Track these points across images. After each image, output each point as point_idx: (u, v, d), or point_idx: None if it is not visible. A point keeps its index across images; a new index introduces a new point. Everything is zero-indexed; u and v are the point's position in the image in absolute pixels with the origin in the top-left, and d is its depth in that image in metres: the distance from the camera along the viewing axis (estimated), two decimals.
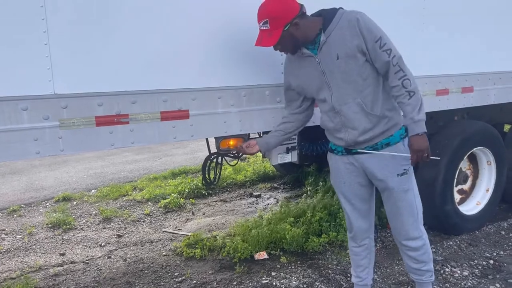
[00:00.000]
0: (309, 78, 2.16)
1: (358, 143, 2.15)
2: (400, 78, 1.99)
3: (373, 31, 1.97)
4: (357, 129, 2.11)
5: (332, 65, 2.04)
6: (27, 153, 1.88)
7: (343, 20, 1.99)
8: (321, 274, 3.02)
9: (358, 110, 2.07)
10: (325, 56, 2.05)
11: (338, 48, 2.00)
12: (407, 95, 1.99)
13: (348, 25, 1.97)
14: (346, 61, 2.01)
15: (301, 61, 2.16)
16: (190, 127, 2.27)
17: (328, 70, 2.07)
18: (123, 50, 2.03)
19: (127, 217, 4.36)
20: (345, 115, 2.10)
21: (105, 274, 3.19)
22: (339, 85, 2.07)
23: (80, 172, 6.35)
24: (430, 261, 2.37)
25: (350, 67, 2.01)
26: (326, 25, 2.01)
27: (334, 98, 2.10)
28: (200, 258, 3.33)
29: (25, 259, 3.51)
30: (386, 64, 1.99)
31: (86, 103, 1.97)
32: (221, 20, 2.28)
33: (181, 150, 7.72)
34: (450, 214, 3.46)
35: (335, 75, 2.06)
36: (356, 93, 2.05)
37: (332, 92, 2.10)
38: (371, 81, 2.06)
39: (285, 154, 2.80)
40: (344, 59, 2.01)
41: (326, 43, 2.03)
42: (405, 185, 2.18)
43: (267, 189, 5.25)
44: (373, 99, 2.07)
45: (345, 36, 1.98)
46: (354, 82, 2.04)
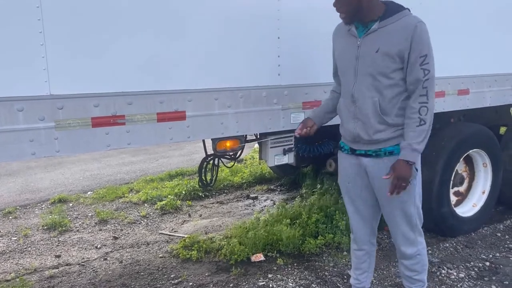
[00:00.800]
0: (344, 55, 2.14)
1: (364, 140, 2.11)
2: (421, 103, 1.97)
3: (423, 45, 1.93)
4: (366, 125, 2.07)
5: (368, 55, 2.01)
6: (22, 154, 1.87)
7: (403, 20, 1.96)
8: (318, 276, 3.02)
9: (372, 109, 2.04)
10: (367, 43, 2.01)
11: (383, 43, 1.96)
12: (417, 121, 1.97)
13: (404, 27, 1.94)
14: (382, 58, 1.97)
15: (345, 36, 2.12)
16: (186, 128, 2.26)
17: (362, 57, 2.03)
18: (120, 51, 2.02)
19: (123, 219, 4.34)
20: (360, 107, 2.07)
21: (101, 276, 3.17)
22: (365, 76, 2.04)
23: (76, 173, 6.33)
24: (424, 271, 2.33)
25: (383, 65, 1.98)
26: (386, 16, 1.98)
27: (356, 86, 2.07)
28: (197, 260, 3.32)
29: (21, 261, 3.49)
30: (417, 82, 1.96)
31: (82, 104, 1.96)
32: (218, 21, 2.28)
33: (177, 151, 7.70)
34: (447, 216, 3.47)
35: (366, 65, 2.02)
36: (376, 92, 2.02)
37: (356, 79, 2.07)
38: (396, 89, 2.02)
39: (282, 155, 2.80)
40: (382, 55, 1.97)
41: (376, 32, 1.99)
42: (405, 196, 2.11)
43: (264, 191, 5.24)
44: (391, 106, 2.04)
45: (396, 36, 1.95)
46: (379, 81, 2.01)
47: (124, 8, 2.01)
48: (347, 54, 2.11)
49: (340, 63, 2.19)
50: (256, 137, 3.09)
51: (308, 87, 2.65)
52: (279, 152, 2.80)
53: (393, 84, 2.01)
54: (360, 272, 2.47)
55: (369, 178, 2.20)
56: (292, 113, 2.63)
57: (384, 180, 2.07)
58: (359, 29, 2.06)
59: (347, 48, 2.11)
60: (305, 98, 2.66)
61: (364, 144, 2.13)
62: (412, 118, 1.98)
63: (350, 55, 2.08)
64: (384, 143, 2.09)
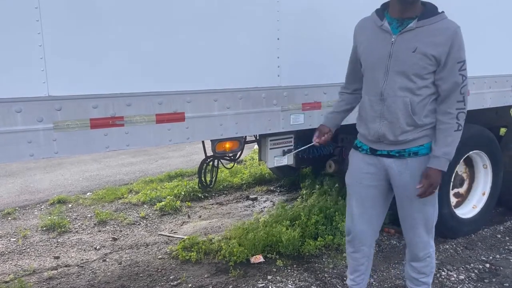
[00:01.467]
0: (373, 52, 2.07)
1: (387, 140, 2.07)
2: (459, 109, 1.97)
3: (461, 51, 1.94)
4: (393, 125, 2.03)
5: (404, 53, 1.96)
6: (21, 156, 1.86)
7: (442, 23, 1.94)
8: (317, 277, 3.01)
9: (403, 109, 2.00)
10: (403, 41, 1.96)
11: (421, 43, 1.92)
12: (456, 127, 1.97)
13: (444, 30, 1.92)
14: (420, 58, 1.93)
15: (375, 32, 2.06)
16: (185, 129, 2.26)
17: (396, 55, 1.98)
18: (118, 52, 2.02)
19: (122, 220, 4.33)
20: (389, 106, 2.02)
21: (100, 277, 3.16)
22: (397, 75, 1.99)
23: (76, 174, 6.32)
24: (431, 274, 2.32)
25: (419, 66, 1.94)
26: (424, 16, 1.95)
27: (386, 84, 2.01)
28: (196, 261, 3.31)
29: (19, 262, 3.48)
30: (455, 86, 1.95)
31: (80, 105, 1.96)
32: (217, 22, 2.27)
33: (177, 153, 7.70)
34: (446, 218, 3.46)
35: (400, 64, 1.97)
36: (408, 92, 1.98)
37: (387, 77, 2.01)
38: (427, 90, 2.00)
39: (282, 157, 2.80)
40: (420, 55, 1.92)
41: (414, 31, 1.95)
42: (426, 198, 2.08)
43: (264, 192, 5.23)
44: (421, 107, 2.00)
45: (435, 37, 1.92)
46: (412, 81, 1.97)
47: (123, 9, 2.01)
48: (378, 51, 2.03)
49: (367, 59, 2.10)
50: (256, 138, 3.09)
51: (307, 88, 2.65)
52: (279, 153, 2.79)
53: (425, 85, 1.98)
54: (358, 275, 2.44)
55: (390, 178, 2.16)
56: (291, 114, 2.62)
57: (408, 182, 2.07)
58: (393, 26, 2.00)
59: (378, 44, 2.04)
60: (304, 99, 2.65)
61: (388, 144, 2.09)
62: (449, 124, 1.97)
63: (382, 52, 2.01)
64: (409, 143, 2.05)
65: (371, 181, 2.20)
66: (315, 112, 2.71)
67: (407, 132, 2.03)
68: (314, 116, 2.71)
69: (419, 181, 2.04)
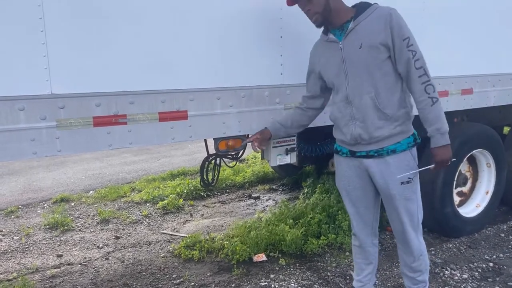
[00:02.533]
0: (329, 64, 2.14)
1: (364, 140, 2.09)
2: (424, 83, 1.95)
3: (402, 29, 1.96)
4: (365, 123, 2.05)
5: (353, 53, 2.02)
6: (24, 154, 1.86)
7: (375, 12, 1.99)
8: (320, 276, 3.00)
9: (371, 105, 2.03)
10: (349, 43, 2.03)
11: (364, 38, 1.99)
12: (430, 101, 1.95)
13: (379, 18, 1.97)
14: (368, 51, 1.98)
15: (325, 47, 2.15)
16: (188, 128, 2.25)
17: (348, 58, 2.04)
18: (121, 50, 2.01)
19: (125, 218, 4.34)
20: (357, 107, 2.06)
21: (103, 276, 3.17)
22: (356, 75, 2.04)
23: (78, 173, 6.33)
24: (426, 271, 2.32)
25: (371, 58, 1.99)
26: (358, 14, 2.02)
27: (349, 87, 2.06)
28: (198, 260, 3.31)
29: (22, 260, 3.49)
30: (408, 63, 1.96)
31: (83, 103, 1.95)
32: (221, 20, 2.27)
33: (179, 151, 7.70)
34: (450, 217, 3.45)
35: (355, 64, 2.03)
36: (372, 87, 2.02)
37: (348, 81, 2.06)
38: (389, 79, 2.02)
39: (284, 155, 2.78)
40: (367, 49, 1.98)
41: (354, 30, 2.01)
42: (408, 193, 2.12)
43: (266, 190, 5.23)
44: (388, 98, 2.03)
45: (373, 27, 1.97)
46: (371, 75, 2.01)
47: (126, 7, 2.00)
48: (333, 62, 2.11)
49: (328, 74, 2.17)
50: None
51: None
52: (282, 152, 2.78)
53: (386, 74, 2.01)
54: (364, 275, 2.45)
55: (372, 179, 2.19)
56: None
57: (391, 177, 2.09)
58: (337, 34, 2.09)
59: (331, 55, 2.12)
60: None
61: (365, 144, 2.11)
62: (422, 101, 1.96)
63: (336, 60, 2.09)
64: (386, 141, 2.07)
65: (356, 183, 2.24)
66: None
67: (381, 128, 2.04)
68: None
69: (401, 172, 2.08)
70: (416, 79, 1.96)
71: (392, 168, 2.09)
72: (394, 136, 2.07)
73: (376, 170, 2.13)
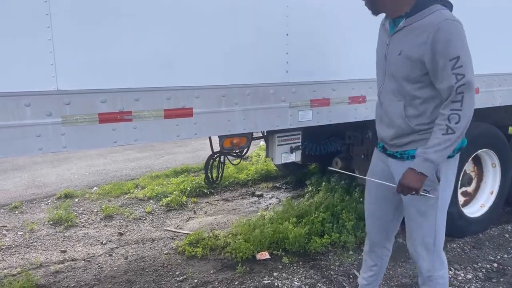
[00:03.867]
0: (378, 53, 2.01)
1: (387, 143, 2.01)
2: (453, 110, 1.70)
3: (451, 46, 1.67)
4: (391, 128, 1.94)
5: (393, 56, 1.86)
6: (29, 149, 1.86)
7: (428, 18, 1.72)
8: (323, 275, 3.00)
9: (398, 113, 1.89)
10: (394, 43, 1.85)
11: (405, 45, 1.79)
12: (444, 129, 1.71)
13: (427, 27, 1.71)
14: (404, 62, 1.80)
15: (382, 31, 1.99)
16: (193, 125, 2.25)
17: (389, 57, 1.89)
18: (127, 47, 2.01)
19: (128, 215, 4.34)
20: (385, 110, 1.95)
21: (106, 272, 3.17)
22: (391, 79, 1.90)
23: (82, 169, 6.34)
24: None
25: (407, 70, 1.80)
26: (413, 12, 1.77)
27: (383, 88, 1.96)
28: (202, 257, 3.31)
29: (26, 256, 3.50)
30: (449, 89, 1.71)
31: (89, 99, 1.95)
32: (226, 17, 2.26)
33: (183, 148, 7.70)
34: (454, 217, 3.43)
35: (393, 68, 1.87)
36: (402, 96, 1.87)
37: (384, 81, 1.95)
38: (424, 93, 1.82)
39: (289, 153, 2.78)
40: (404, 59, 1.79)
41: (402, 31, 1.81)
42: (421, 207, 1.93)
43: (269, 188, 5.23)
44: (418, 112, 1.85)
45: (418, 37, 1.74)
46: (405, 86, 1.84)
47: (132, 4, 2.00)
48: (379, 52, 1.98)
49: (376, 59, 2.04)
50: (263, 134, 3.08)
51: (316, 84, 2.63)
52: (286, 150, 2.78)
53: (419, 88, 1.82)
54: (370, 274, 2.37)
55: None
56: (299, 110, 2.60)
57: None
58: (391, 26, 1.89)
59: (380, 45, 1.98)
60: (313, 96, 2.63)
61: (390, 146, 2.02)
62: (439, 125, 1.74)
63: (381, 54, 1.96)
64: (409, 145, 1.92)
65: (381, 178, 2.11)
66: (324, 109, 2.69)
67: (404, 136, 1.91)
68: (322, 112, 2.69)
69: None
70: (449, 104, 1.72)
71: None
72: (417, 142, 1.89)
73: (396, 172, 1.99)
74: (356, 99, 2.80)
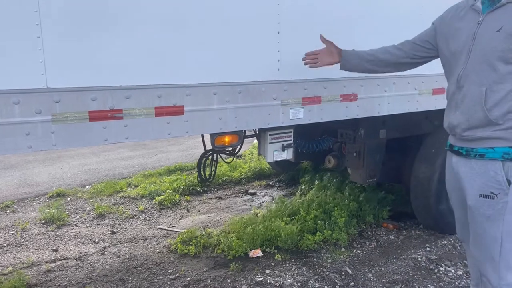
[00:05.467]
0: (458, 34, 1.83)
1: (457, 134, 1.84)
2: None
3: None
4: (465, 115, 1.77)
5: (488, 34, 1.70)
6: (18, 148, 1.85)
7: None
8: (316, 272, 3.01)
9: (477, 99, 1.72)
10: (490, 20, 1.72)
11: (507, 21, 1.65)
12: None
13: None
14: (505, 38, 1.65)
15: (466, 14, 1.84)
16: (185, 123, 2.24)
17: (480, 37, 1.73)
18: (118, 44, 2.00)
19: (121, 213, 4.33)
20: (464, 95, 1.77)
21: (98, 270, 3.17)
22: (477, 60, 1.73)
23: (75, 168, 6.31)
24: None
25: (504, 47, 1.65)
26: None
27: (465, 70, 1.77)
28: (194, 255, 3.31)
29: (18, 255, 3.48)
30: None
31: (79, 97, 1.94)
32: (217, 14, 2.26)
33: (176, 146, 7.69)
34: (445, 213, 3.46)
35: (483, 47, 1.72)
36: (487, 80, 1.70)
37: (467, 63, 1.77)
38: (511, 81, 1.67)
39: (281, 151, 2.79)
40: (505, 35, 1.65)
41: (504, 8, 1.69)
42: (487, 210, 1.75)
43: (263, 186, 5.23)
44: (500, 100, 1.69)
45: None
46: (494, 67, 1.68)
47: (123, 1, 1.99)
48: (463, 34, 1.80)
49: (452, 45, 1.86)
50: (255, 132, 3.08)
51: (307, 82, 2.63)
52: (278, 148, 2.78)
53: (509, 72, 1.67)
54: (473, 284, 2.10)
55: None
56: (291, 108, 2.61)
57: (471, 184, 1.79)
58: (485, 5, 1.76)
59: (465, 27, 1.80)
60: (304, 94, 2.64)
61: (459, 139, 1.85)
62: None
63: (467, 35, 1.78)
64: (478, 142, 1.76)
65: (452, 183, 1.97)
66: (315, 107, 2.70)
67: (478, 128, 1.74)
68: (314, 110, 2.70)
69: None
70: None
71: (475, 174, 1.78)
72: (489, 140, 1.73)
73: (460, 173, 1.86)
74: (347, 97, 2.81)
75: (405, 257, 3.25)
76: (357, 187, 4.13)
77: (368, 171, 3.49)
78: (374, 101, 2.96)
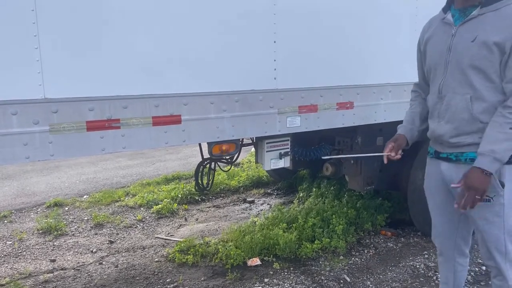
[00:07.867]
0: (434, 48, 1.90)
1: (445, 143, 1.87)
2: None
3: None
4: (451, 125, 1.81)
5: (463, 45, 1.76)
6: (16, 158, 1.86)
7: (508, 8, 1.69)
8: (314, 280, 3.01)
9: (462, 107, 1.76)
10: (464, 32, 1.77)
11: (483, 31, 1.70)
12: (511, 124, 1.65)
13: (508, 16, 1.67)
14: (479, 48, 1.70)
15: (439, 26, 1.90)
16: (182, 132, 2.26)
17: (456, 48, 1.79)
18: (115, 54, 2.02)
19: (119, 223, 4.32)
20: (447, 104, 1.82)
21: (96, 280, 3.15)
22: (456, 70, 1.79)
23: (72, 177, 6.30)
24: None
25: (480, 57, 1.71)
26: (488, 3, 1.72)
27: (445, 80, 1.83)
28: (193, 264, 3.30)
29: (15, 265, 3.47)
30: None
31: (76, 107, 1.96)
32: (214, 25, 2.28)
33: (174, 155, 7.69)
34: None
35: (459, 57, 1.77)
36: (470, 88, 1.75)
37: (446, 73, 1.82)
38: (495, 86, 1.73)
39: (278, 159, 2.80)
40: (479, 45, 1.70)
41: (476, 19, 1.74)
42: (486, 214, 1.79)
43: (261, 195, 5.23)
44: (486, 104, 1.73)
45: (496, 23, 1.68)
46: (474, 75, 1.74)
47: (120, 11, 2.01)
48: (439, 46, 1.87)
49: (430, 55, 1.93)
50: (252, 141, 3.09)
51: (304, 91, 2.65)
52: (275, 156, 2.79)
53: (488, 79, 1.73)
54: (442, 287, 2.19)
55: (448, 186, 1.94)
56: (288, 117, 2.63)
57: None
58: (456, 17, 1.83)
59: (440, 39, 1.87)
60: (301, 102, 2.66)
61: (447, 146, 1.88)
62: (507, 118, 1.66)
63: (442, 47, 1.85)
64: (468, 147, 1.80)
65: (437, 189, 2.01)
66: (312, 115, 2.71)
67: (466, 135, 1.79)
68: (310, 118, 2.72)
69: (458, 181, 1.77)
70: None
71: None
72: (479, 144, 1.75)
73: (449, 178, 1.88)
74: (344, 105, 2.83)
75: (404, 265, 3.25)
76: (355, 195, 4.13)
77: (366, 178, 3.50)
78: (370, 109, 2.98)
